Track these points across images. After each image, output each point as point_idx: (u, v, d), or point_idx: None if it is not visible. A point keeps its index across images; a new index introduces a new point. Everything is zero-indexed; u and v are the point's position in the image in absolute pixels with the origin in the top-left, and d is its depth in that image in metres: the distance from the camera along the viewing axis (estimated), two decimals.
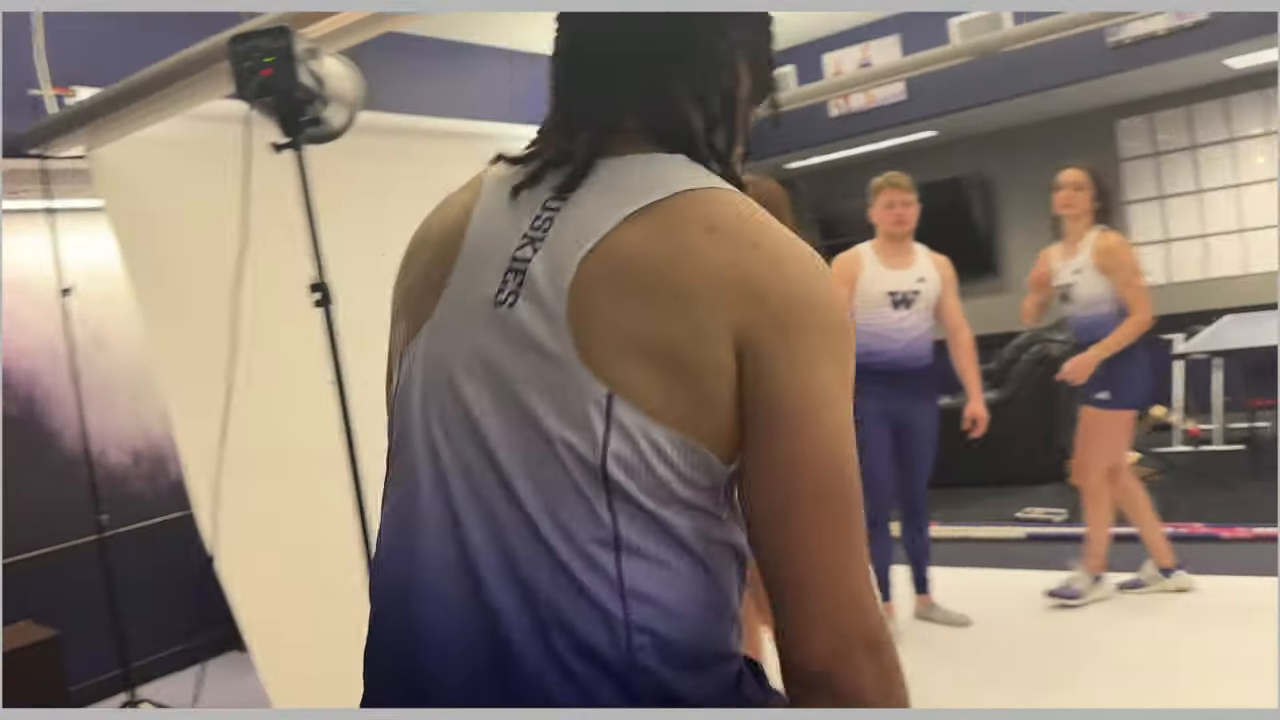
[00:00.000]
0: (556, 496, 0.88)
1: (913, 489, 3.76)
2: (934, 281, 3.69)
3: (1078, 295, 3.74)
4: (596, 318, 0.88)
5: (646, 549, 0.88)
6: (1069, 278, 3.76)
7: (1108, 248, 3.71)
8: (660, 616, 0.88)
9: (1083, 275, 3.73)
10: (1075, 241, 3.79)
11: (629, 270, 0.89)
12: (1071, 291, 3.75)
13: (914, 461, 3.72)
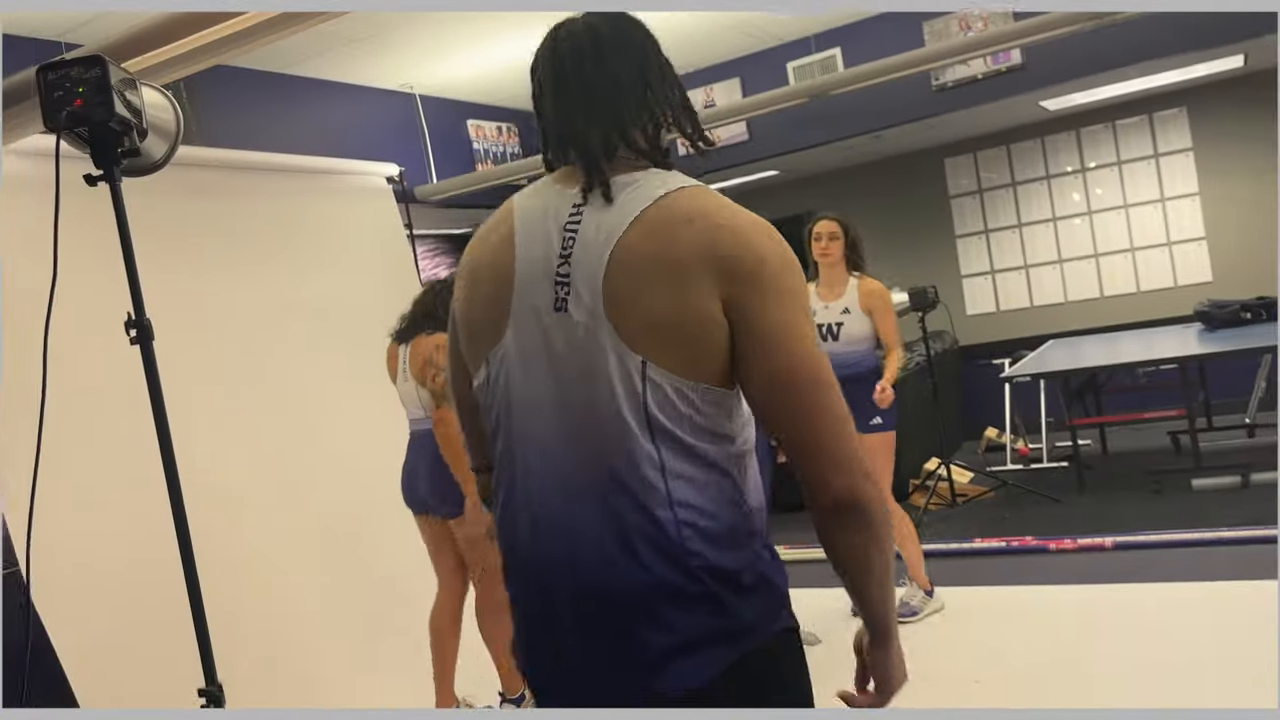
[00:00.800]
0: (622, 443, 1.23)
1: None
2: (855, 310, 3.99)
3: (846, 333, 4.00)
4: (622, 306, 1.22)
5: (683, 470, 1.24)
6: (837, 317, 4.02)
7: (873, 290, 4.06)
8: (699, 515, 1.24)
9: (851, 315, 4.01)
10: (835, 285, 4.05)
11: (635, 266, 1.23)
12: (841, 330, 3.99)
13: None
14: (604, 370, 1.23)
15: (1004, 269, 7.87)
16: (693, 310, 1.21)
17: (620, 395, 1.23)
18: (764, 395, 1.26)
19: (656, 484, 1.23)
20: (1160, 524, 4.80)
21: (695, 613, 1.23)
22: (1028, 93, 6.19)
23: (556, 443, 1.27)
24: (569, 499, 1.26)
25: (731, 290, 1.22)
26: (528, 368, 1.29)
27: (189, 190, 4.05)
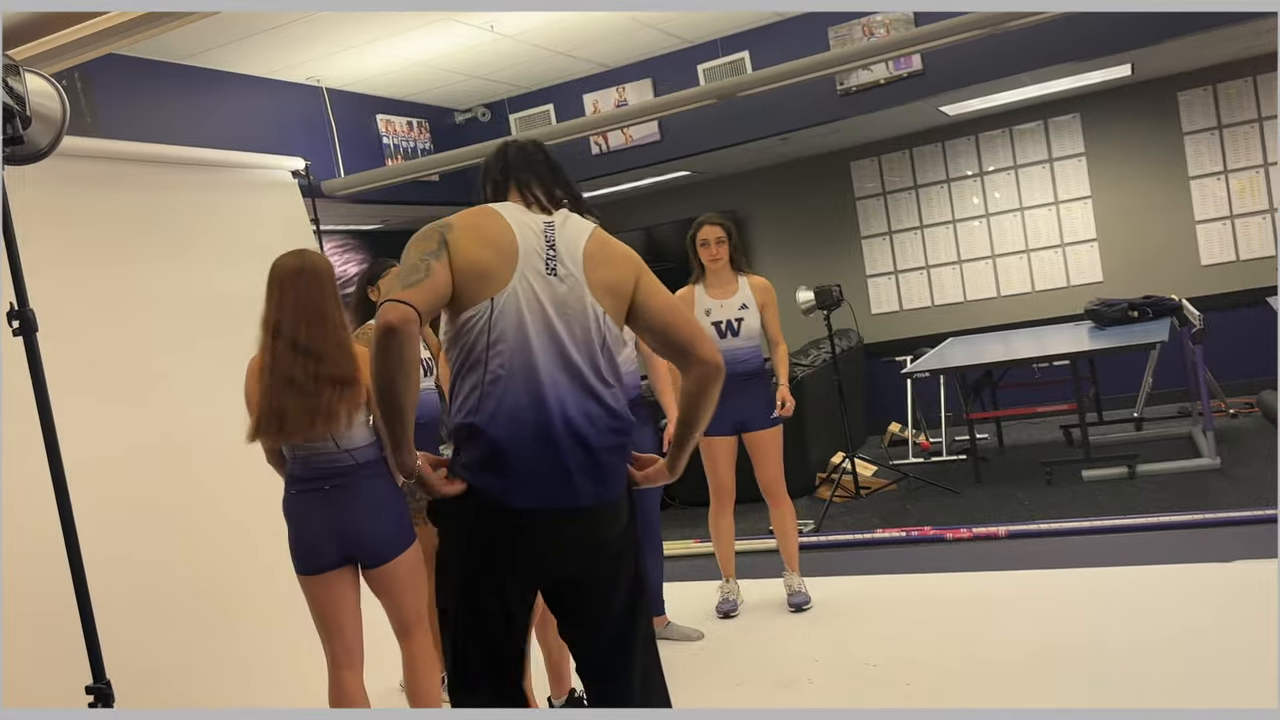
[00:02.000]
0: (590, 357, 2.06)
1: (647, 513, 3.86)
2: (754, 308, 4.07)
3: (746, 328, 4.11)
4: (590, 274, 2.08)
5: (615, 373, 2.12)
6: (735, 313, 4.10)
7: (765, 286, 4.19)
8: (622, 393, 2.13)
9: (749, 310, 4.12)
10: (726, 285, 4.15)
11: (595, 256, 2.10)
12: (741, 325, 4.10)
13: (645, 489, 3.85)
14: (582, 309, 2.05)
15: (906, 269, 8.08)
16: (624, 285, 2.12)
17: (592, 324, 2.06)
18: (662, 316, 2.14)
19: (606, 375, 2.08)
20: (1051, 513, 5.00)
21: (624, 453, 2.14)
22: (928, 98, 6.37)
23: (557, 345, 2.02)
24: (559, 395, 2.01)
25: (638, 275, 2.15)
26: (531, 305, 2.00)
27: (86, 181, 3.94)
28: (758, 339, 4.13)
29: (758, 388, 4.09)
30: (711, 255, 4.09)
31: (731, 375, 4.04)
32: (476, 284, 1.97)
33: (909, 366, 6.45)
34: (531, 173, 2.17)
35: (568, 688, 3.26)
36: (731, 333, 4.06)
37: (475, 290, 1.97)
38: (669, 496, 6.22)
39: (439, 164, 6.27)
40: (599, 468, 2.03)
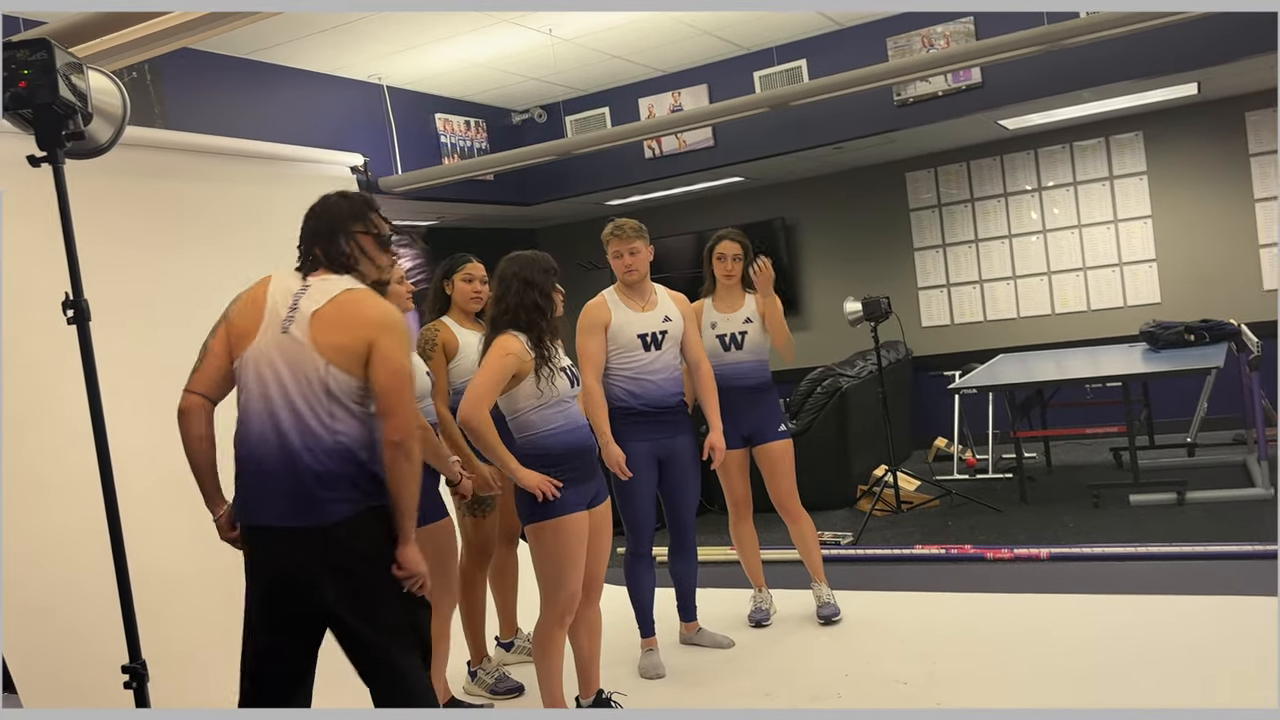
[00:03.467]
0: (313, 406, 2.29)
1: (682, 520, 3.91)
2: (678, 319, 3.82)
3: (750, 341, 4.08)
4: (316, 335, 2.29)
5: (345, 415, 2.32)
6: (740, 326, 4.08)
7: (761, 299, 4.11)
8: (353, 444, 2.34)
9: (753, 324, 4.09)
10: (734, 299, 4.13)
11: (328, 318, 2.31)
12: (745, 339, 4.07)
13: (681, 493, 3.86)
14: (307, 367, 2.32)
15: (959, 283, 8.00)
16: (354, 346, 2.32)
17: (314, 380, 2.32)
18: (377, 384, 2.31)
19: (325, 418, 2.31)
20: (1097, 537, 4.92)
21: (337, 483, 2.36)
22: (987, 111, 6.31)
23: (283, 391, 2.33)
24: (286, 436, 2.30)
25: (375, 341, 2.32)
26: (265, 358, 2.36)
27: (150, 172, 4.05)
28: (764, 353, 4.12)
29: (765, 401, 4.10)
30: (727, 271, 4.08)
31: (738, 388, 4.09)
32: (237, 343, 2.38)
33: (957, 382, 6.38)
34: (303, 238, 2.48)
35: (595, 688, 3.29)
36: (735, 346, 4.06)
37: (236, 347, 2.38)
38: (707, 502, 6.23)
39: (494, 164, 6.34)
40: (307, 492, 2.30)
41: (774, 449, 4.08)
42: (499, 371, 2.97)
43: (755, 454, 4.10)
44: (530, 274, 3.06)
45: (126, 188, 3.89)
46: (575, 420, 3.10)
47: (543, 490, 2.96)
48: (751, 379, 4.07)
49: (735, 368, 4.07)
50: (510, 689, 3.71)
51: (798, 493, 4.13)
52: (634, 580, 3.81)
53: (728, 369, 4.05)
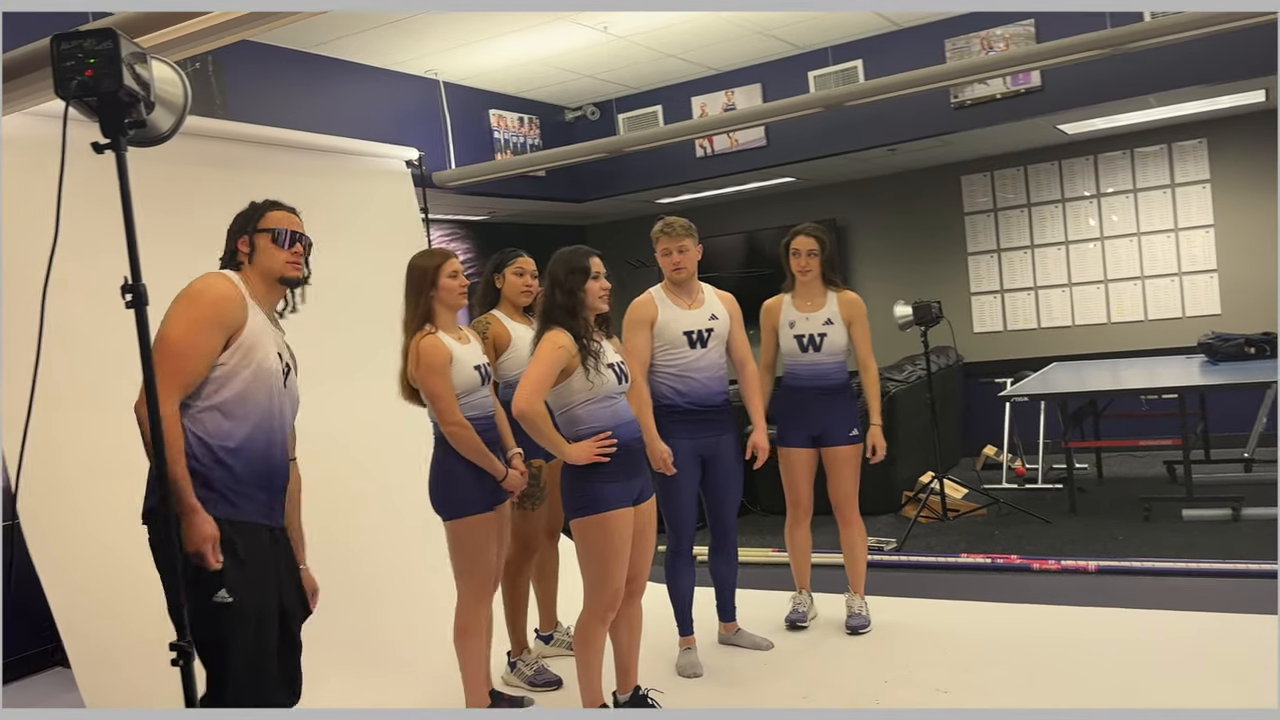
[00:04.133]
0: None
1: (724, 519, 3.90)
2: (724, 318, 3.82)
3: (829, 344, 4.01)
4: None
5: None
6: (819, 328, 4.02)
7: (854, 301, 4.08)
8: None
9: (834, 326, 4.02)
10: (814, 297, 4.06)
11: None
12: (824, 341, 4.01)
13: (723, 492, 3.85)
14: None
15: (1014, 289, 7.89)
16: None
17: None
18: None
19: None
20: (1147, 551, 4.83)
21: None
22: (1046, 115, 6.21)
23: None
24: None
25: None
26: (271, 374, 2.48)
27: (210, 161, 4.14)
28: (842, 355, 4.06)
29: (840, 403, 4.04)
30: (802, 266, 4.04)
31: (812, 389, 4.05)
32: (213, 339, 2.42)
33: (1008, 389, 6.30)
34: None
35: (633, 684, 3.30)
36: (814, 347, 4.02)
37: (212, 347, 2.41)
38: (749, 503, 6.21)
39: (547, 160, 6.38)
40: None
41: (842, 452, 4.04)
42: (551, 364, 3.00)
43: (824, 455, 4.06)
44: (556, 272, 3.12)
45: (185, 175, 3.98)
46: (622, 416, 3.11)
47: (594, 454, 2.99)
48: (827, 381, 4.02)
49: (811, 369, 4.03)
50: (548, 681, 3.73)
51: (858, 499, 4.10)
52: (674, 578, 3.81)
53: (803, 369, 4.03)
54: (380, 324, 3.76)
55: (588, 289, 3.08)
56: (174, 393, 2.18)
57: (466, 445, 3.21)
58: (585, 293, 3.08)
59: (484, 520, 3.28)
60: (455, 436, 3.21)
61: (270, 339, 2.42)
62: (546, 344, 3.03)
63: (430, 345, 3.21)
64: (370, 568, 4.10)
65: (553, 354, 3.01)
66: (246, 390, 2.32)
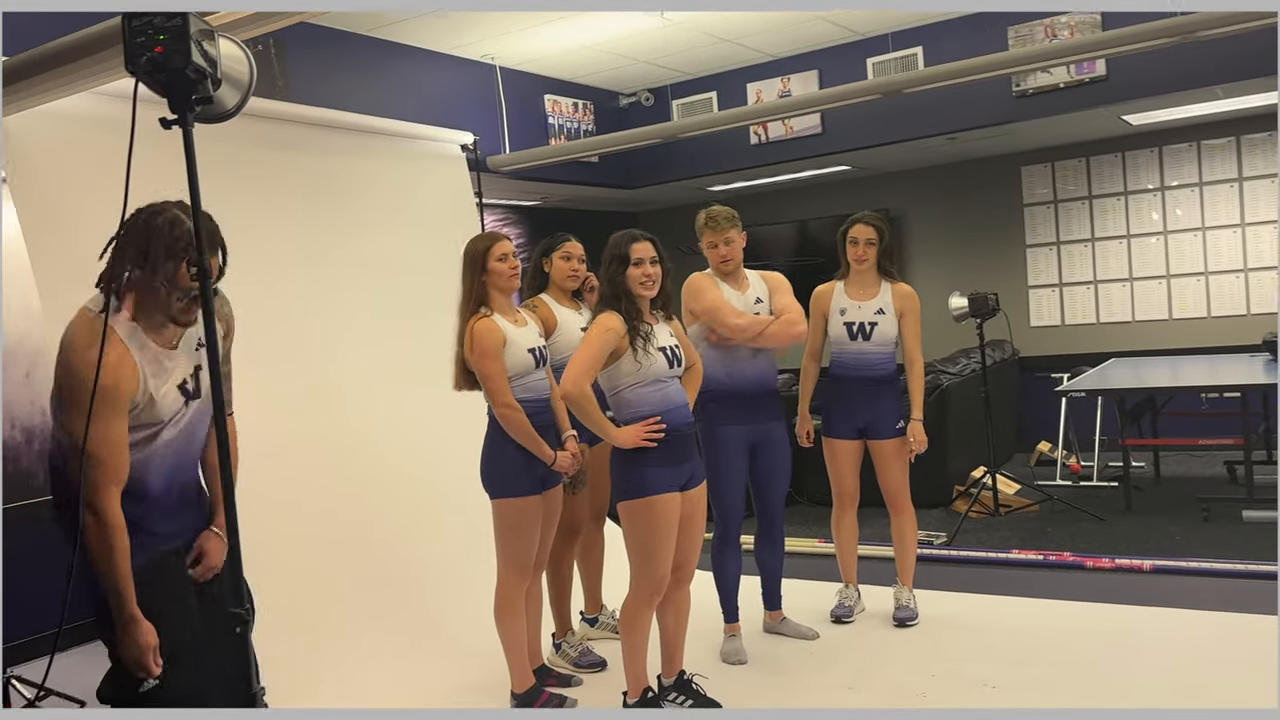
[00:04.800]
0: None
1: (772, 507, 3.89)
2: (768, 300, 3.79)
3: (879, 333, 3.97)
4: None
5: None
6: (870, 317, 3.97)
7: (909, 294, 4.03)
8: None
9: (885, 316, 3.98)
10: (868, 286, 4.01)
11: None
12: (874, 330, 3.96)
13: (772, 480, 3.84)
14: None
15: (1073, 282, 7.75)
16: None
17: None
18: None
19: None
20: (1204, 552, 4.73)
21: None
22: (1110, 105, 6.08)
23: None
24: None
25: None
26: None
27: (270, 142, 4.20)
28: (891, 346, 4.01)
29: (887, 394, 4.00)
30: (859, 255, 4.00)
31: (859, 379, 4.02)
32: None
33: (1065, 384, 6.19)
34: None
35: (678, 668, 3.30)
36: (863, 336, 3.98)
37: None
38: (796, 494, 6.18)
39: (600, 145, 6.38)
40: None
41: (888, 445, 4.00)
42: (598, 347, 3.02)
43: (870, 447, 4.03)
44: (604, 257, 3.15)
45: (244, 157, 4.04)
46: (673, 401, 3.11)
47: (640, 439, 2.99)
48: (875, 371, 3.98)
49: (858, 358, 3.99)
50: (593, 663, 3.76)
51: (909, 488, 4.07)
52: (721, 565, 3.81)
53: (849, 358, 4.00)
54: (434, 306, 3.80)
55: (628, 275, 3.09)
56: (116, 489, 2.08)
57: (517, 428, 3.24)
58: (626, 279, 3.09)
59: (530, 502, 3.31)
60: (506, 419, 3.24)
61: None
62: (596, 327, 3.06)
63: (484, 328, 3.24)
64: (425, 550, 4.16)
65: (600, 337, 3.02)
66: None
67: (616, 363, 3.05)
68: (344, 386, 4.14)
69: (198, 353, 2.25)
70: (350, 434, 4.09)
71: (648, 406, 3.06)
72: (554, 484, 3.43)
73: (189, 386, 2.23)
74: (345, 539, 3.93)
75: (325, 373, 4.04)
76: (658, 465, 3.02)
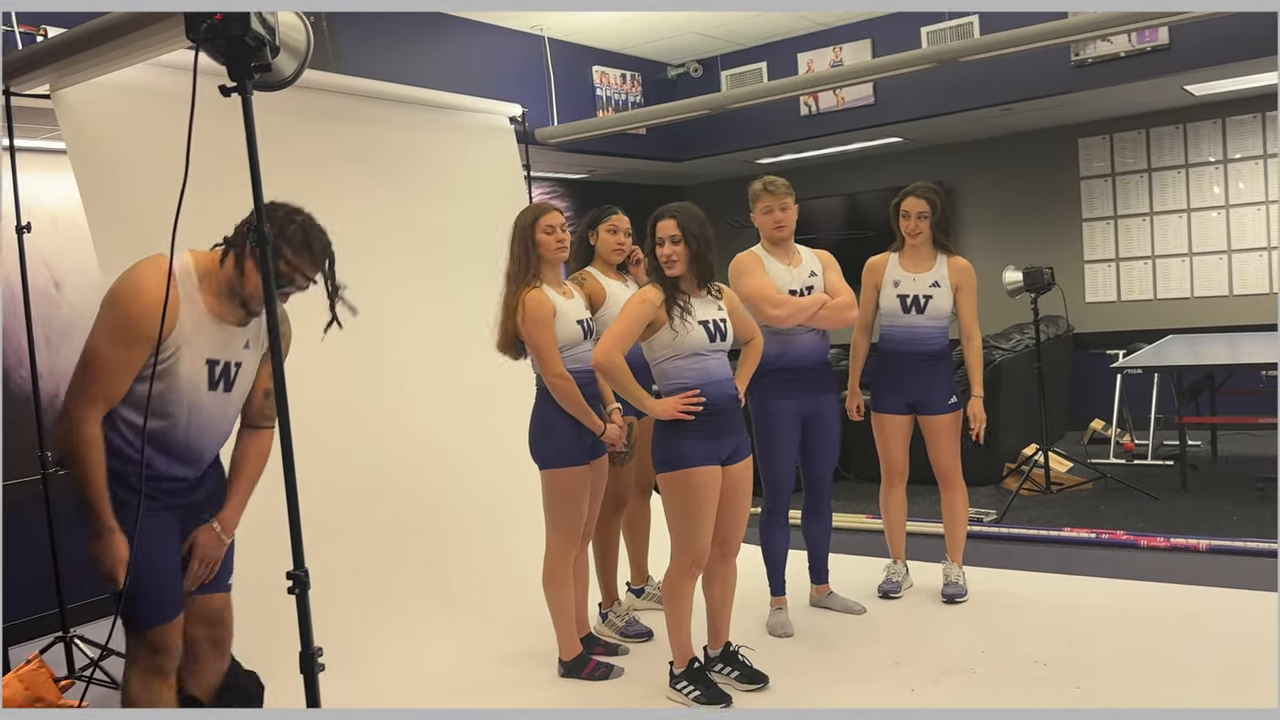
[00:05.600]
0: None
1: (820, 481, 3.86)
2: (821, 275, 3.76)
3: (933, 306, 3.91)
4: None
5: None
6: (925, 290, 3.91)
7: (965, 267, 3.97)
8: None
9: (940, 290, 3.91)
10: (922, 259, 3.94)
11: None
12: (929, 304, 3.90)
13: (820, 454, 3.81)
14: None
15: (1130, 257, 7.58)
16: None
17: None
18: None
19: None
20: (1265, 532, 4.63)
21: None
22: (1172, 75, 5.92)
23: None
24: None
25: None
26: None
27: (322, 114, 4.23)
28: (946, 320, 3.95)
29: (939, 370, 3.95)
30: (911, 228, 3.94)
31: (910, 354, 3.96)
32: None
33: (1121, 361, 6.08)
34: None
35: (724, 640, 3.31)
36: (916, 309, 3.92)
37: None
38: (844, 469, 6.14)
39: (648, 117, 6.34)
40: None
41: (940, 421, 3.95)
42: (633, 318, 3.02)
43: (921, 423, 3.99)
44: (648, 228, 3.14)
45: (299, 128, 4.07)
46: (713, 375, 3.09)
47: (677, 410, 2.99)
48: (927, 346, 3.93)
49: (910, 331, 3.94)
50: (639, 633, 3.78)
51: (960, 464, 4.02)
52: (768, 539, 3.80)
53: (900, 332, 3.95)
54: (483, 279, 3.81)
55: (655, 253, 3.08)
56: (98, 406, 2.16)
57: (567, 398, 3.25)
58: (672, 249, 3.07)
59: (578, 473, 3.33)
60: (557, 389, 3.25)
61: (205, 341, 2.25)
62: (634, 298, 3.07)
63: (535, 298, 3.25)
64: (474, 519, 4.20)
65: (636, 308, 3.03)
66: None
67: (655, 334, 3.05)
68: (394, 358, 4.18)
69: (245, 351, 2.32)
70: (400, 404, 4.13)
71: (688, 379, 3.05)
72: (601, 454, 3.44)
73: (219, 375, 2.28)
74: (397, 508, 3.98)
75: (376, 344, 4.08)
76: (695, 438, 3.02)
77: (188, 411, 2.26)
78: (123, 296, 2.15)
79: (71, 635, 3.76)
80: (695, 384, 3.05)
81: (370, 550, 3.81)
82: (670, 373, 3.07)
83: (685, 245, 3.05)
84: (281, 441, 1.85)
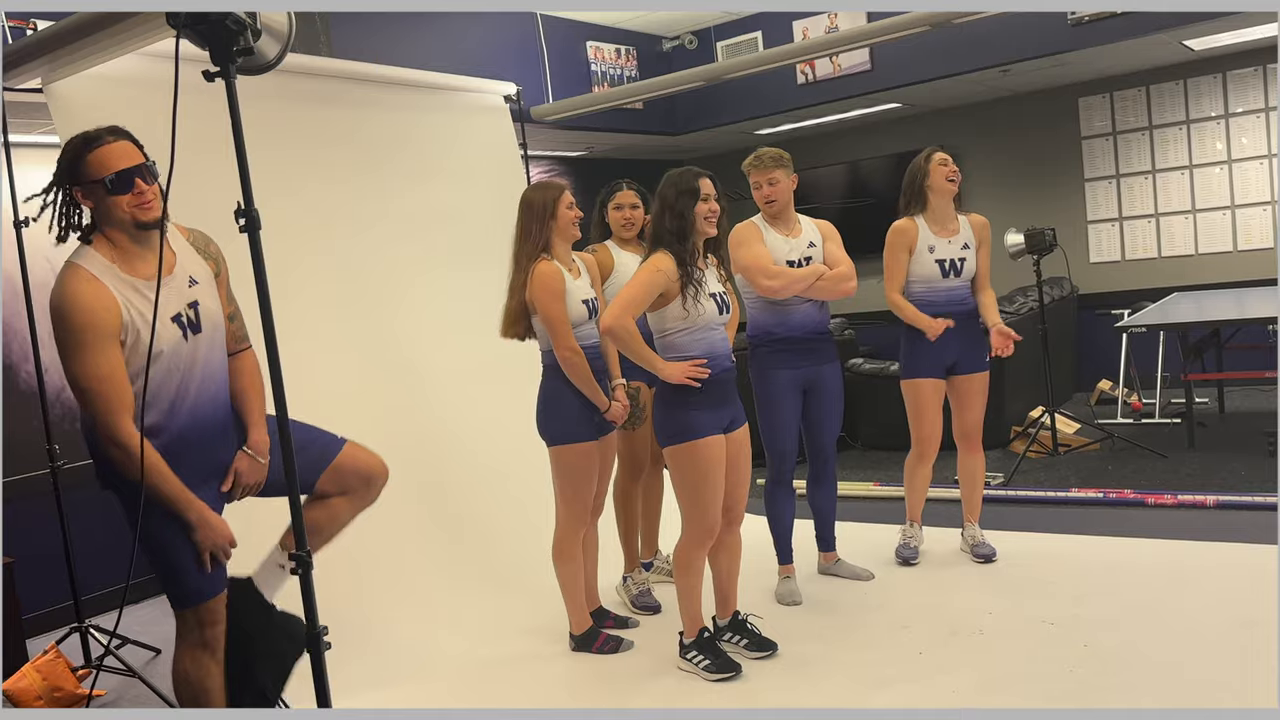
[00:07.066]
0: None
1: (823, 450, 3.87)
2: (820, 245, 3.74)
3: (967, 269, 3.93)
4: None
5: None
6: (959, 253, 3.91)
7: (984, 224, 4.00)
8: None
9: (970, 251, 3.94)
10: (948, 222, 3.93)
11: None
12: (964, 265, 3.92)
13: (824, 421, 3.81)
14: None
15: (1133, 216, 7.54)
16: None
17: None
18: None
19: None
20: (1269, 487, 4.63)
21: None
22: (1171, 30, 5.86)
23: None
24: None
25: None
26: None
27: (313, 98, 4.22)
28: (972, 279, 3.98)
29: (975, 328, 3.97)
30: (951, 174, 3.88)
31: (951, 315, 3.95)
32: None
33: (1125, 320, 6.06)
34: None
35: (733, 609, 3.33)
36: (955, 272, 3.92)
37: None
38: (850, 438, 6.15)
39: (644, 90, 6.30)
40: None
41: (976, 380, 3.97)
42: (646, 286, 3.00)
43: (953, 384, 3.98)
44: (667, 194, 3.08)
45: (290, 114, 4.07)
46: (717, 349, 3.10)
47: (686, 375, 2.98)
48: (966, 305, 3.95)
49: (950, 294, 3.94)
50: (648, 606, 3.80)
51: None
52: (774, 508, 3.81)
53: (940, 296, 3.93)
54: (482, 259, 3.81)
55: (697, 211, 3.06)
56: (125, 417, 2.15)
57: (577, 373, 3.26)
58: (695, 215, 3.06)
59: (587, 449, 3.34)
60: (568, 362, 3.26)
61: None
62: (646, 266, 3.04)
63: (548, 270, 3.25)
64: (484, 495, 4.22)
65: (650, 276, 3.01)
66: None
67: (665, 306, 3.04)
68: (395, 338, 4.19)
69: (192, 289, 2.32)
70: (401, 384, 4.14)
71: (693, 352, 3.05)
72: (609, 430, 3.45)
73: (185, 320, 2.29)
74: (406, 486, 3.97)
75: (376, 325, 4.09)
76: (700, 408, 3.02)
77: (181, 380, 2.28)
78: (65, 313, 2.15)
79: (86, 625, 3.81)
80: (700, 355, 3.05)
81: (382, 526, 3.83)
82: (679, 345, 3.07)
83: (720, 205, 3.09)
84: (280, 429, 1.86)
